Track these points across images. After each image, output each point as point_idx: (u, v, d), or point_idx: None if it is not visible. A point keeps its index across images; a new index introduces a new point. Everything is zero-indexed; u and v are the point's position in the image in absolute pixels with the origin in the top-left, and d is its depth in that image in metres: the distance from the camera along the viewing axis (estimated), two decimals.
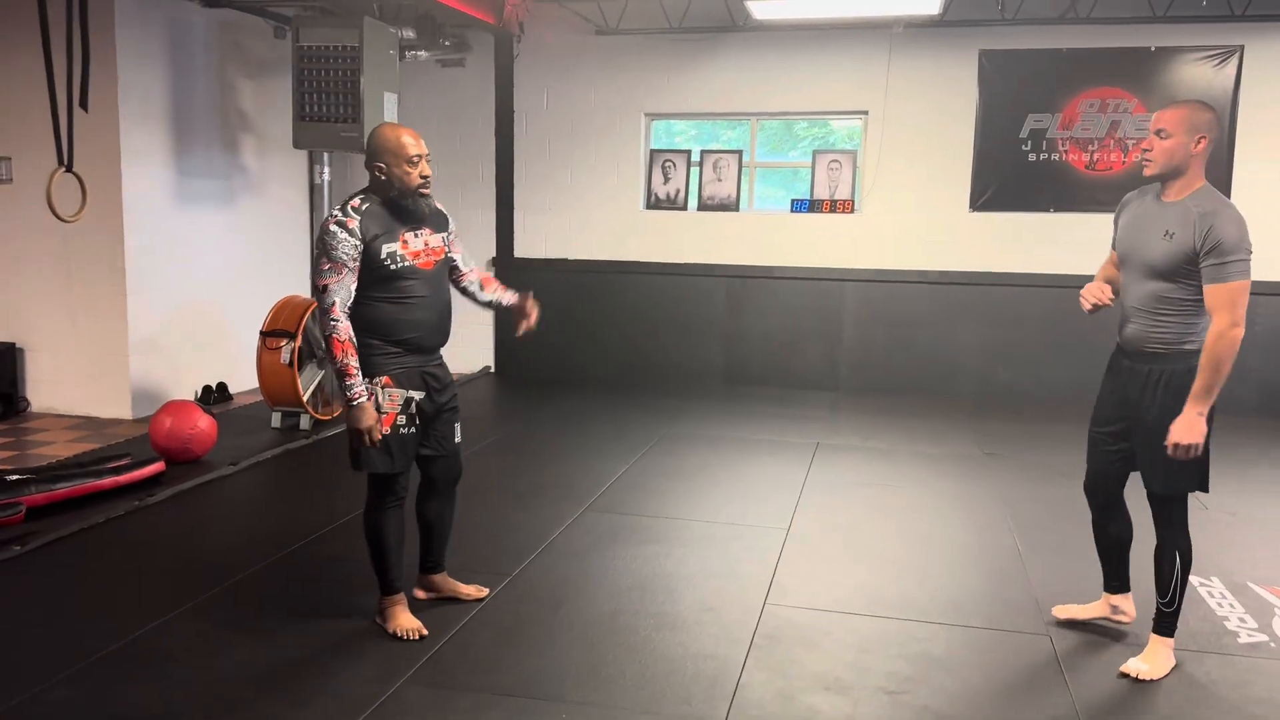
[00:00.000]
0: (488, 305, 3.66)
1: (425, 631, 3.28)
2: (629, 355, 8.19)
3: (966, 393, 7.62)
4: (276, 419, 6.15)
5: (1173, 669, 3.16)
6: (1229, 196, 7.08)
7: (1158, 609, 3.19)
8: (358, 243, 3.14)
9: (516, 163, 8.25)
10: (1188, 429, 2.95)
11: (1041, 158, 7.35)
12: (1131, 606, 3.48)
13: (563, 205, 8.22)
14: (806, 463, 5.67)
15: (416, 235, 3.28)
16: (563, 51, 8.04)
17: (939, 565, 4.09)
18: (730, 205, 8.01)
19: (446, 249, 3.42)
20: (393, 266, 3.20)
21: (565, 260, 8.23)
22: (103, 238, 6.27)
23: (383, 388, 3.20)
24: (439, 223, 3.41)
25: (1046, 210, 7.26)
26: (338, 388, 3.19)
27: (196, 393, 6.93)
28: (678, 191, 8.13)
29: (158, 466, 4.94)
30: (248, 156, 7.43)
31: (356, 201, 3.22)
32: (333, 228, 3.13)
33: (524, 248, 8.31)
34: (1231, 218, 2.91)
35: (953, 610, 3.62)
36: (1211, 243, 2.87)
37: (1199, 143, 2.94)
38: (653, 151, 8.17)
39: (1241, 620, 3.59)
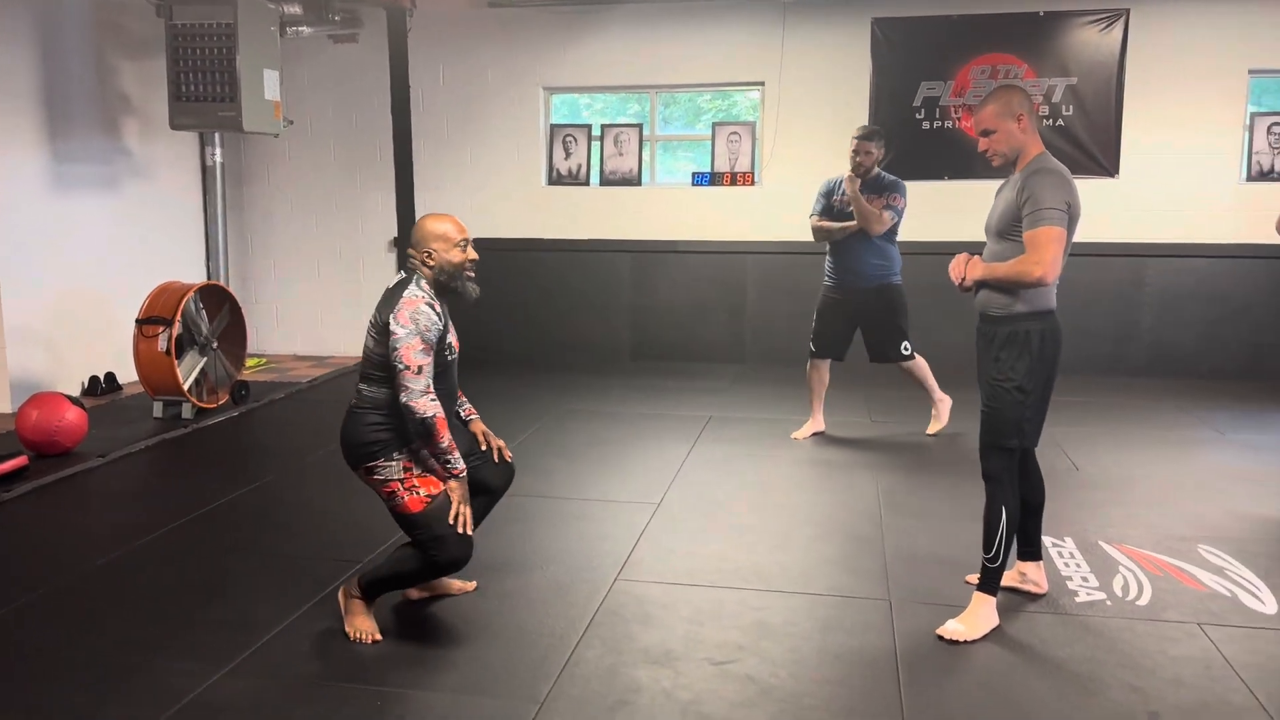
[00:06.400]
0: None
1: (379, 636, 3.17)
2: (535, 333, 8.13)
3: (865, 360, 7.61)
4: (158, 409, 6.02)
5: (995, 628, 3.20)
6: (1118, 160, 7.21)
7: (982, 565, 3.22)
8: (442, 329, 3.12)
9: (415, 141, 8.12)
10: (971, 267, 3.22)
11: (935, 126, 7.38)
12: (1042, 576, 3.49)
13: (463, 183, 8.12)
14: (695, 436, 5.67)
15: (450, 322, 3.25)
16: (457, 25, 7.91)
17: (797, 534, 4.11)
18: (632, 180, 7.96)
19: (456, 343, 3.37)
20: (449, 357, 3.21)
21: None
22: None
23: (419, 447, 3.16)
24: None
25: (941, 178, 7.29)
26: (437, 466, 3.12)
27: (83, 384, 6.78)
28: (579, 166, 8.06)
29: (19, 461, 4.81)
30: (131, 139, 7.23)
31: (426, 284, 3.14)
32: (424, 306, 3.04)
33: None
34: (1051, 180, 3.08)
35: (799, 579, 3.63)
36: (1027, 195, 3.08)
37: (1020, 121, 3.15)
38: (553, 126, 8.08)
39: (1084, 579, 3.64)
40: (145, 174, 7.33)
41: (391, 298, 3.10)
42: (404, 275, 3.17)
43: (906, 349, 5.54)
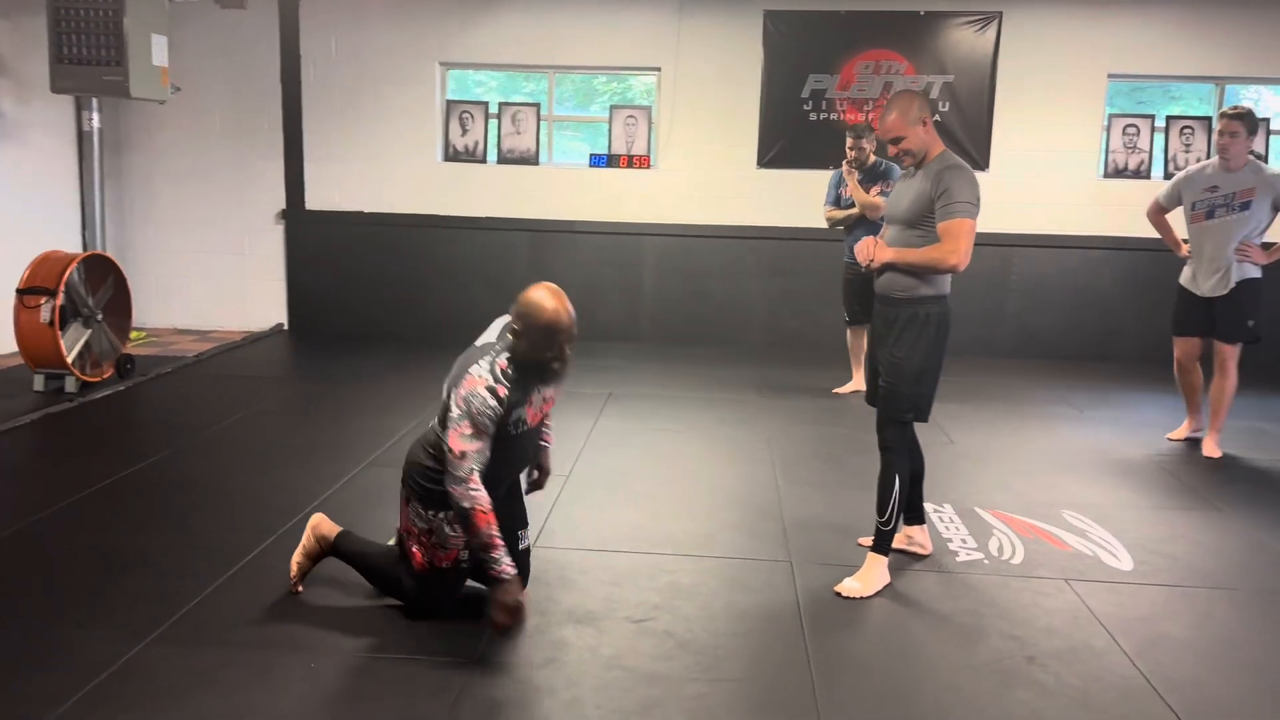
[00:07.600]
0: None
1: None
2: (429, 310, 8.12)
3: (756, 340, 7.97)
4: (39, 382, 5.81)
5: (887, 585, 3.47)
6: (988, 155, 7.66)
7: (876, 528, 3.49)
8: (502, 413, 2.92)
9: (305, 112, 7.98)
10: (880, 250, 3.41)
11: (822, 117, 7.69)
12: (927, 539, 3.78)
13: (356, 156, 8.02)
14: (597, 412, 5.82)
15: (539, 392, 3.10)
16: None
17: (700, 502, 4.32)
18: (530, 159, 8.02)
19: (554, 399, 3.24)
20: (514, 433, 3.01)
21: (360, 213, 8.06)
22: None
23: (449, 523, 3.04)
24: None
25: (826, 168, 7.54)
26: (481, 560, 2.93)
27: None
28: (476, 144, 8.07)
29: None
30: (4, 102, 6.89)
31: (504, 363, 2.96)
32: (483, 392, 2.87)
33: (316, 200, 8.07)
34: (963, 176, 3.32)
35: (706, 543, 3.84)
36: (942, 189, 3.29)
37: (925, 125, 3.38)
38: (449, 102, 8.06)
39: (963, 541, 3.95)
40: (18, 138, 6.99)
41: (467, 363, 2.97)
42: (495, 338, 3.06)
43: None
